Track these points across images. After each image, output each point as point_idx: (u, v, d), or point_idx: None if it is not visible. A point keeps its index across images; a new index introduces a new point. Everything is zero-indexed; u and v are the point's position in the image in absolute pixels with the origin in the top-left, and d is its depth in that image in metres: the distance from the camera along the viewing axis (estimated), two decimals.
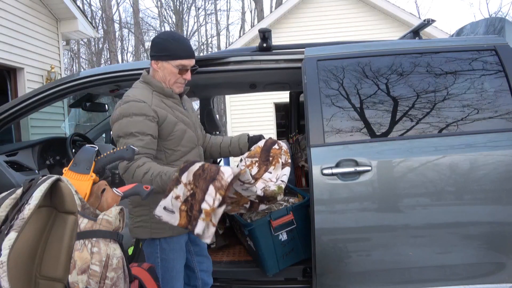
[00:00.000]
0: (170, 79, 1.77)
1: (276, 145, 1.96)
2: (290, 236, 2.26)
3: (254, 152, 1.96)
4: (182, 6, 22.49)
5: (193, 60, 1.80)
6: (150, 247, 1.80)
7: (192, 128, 1.84)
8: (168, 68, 1.76)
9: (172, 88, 1.79)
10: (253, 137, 2.05)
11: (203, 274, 2.01)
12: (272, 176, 1.81)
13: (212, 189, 1.40)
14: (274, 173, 1.83)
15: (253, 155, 1.94)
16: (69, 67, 20.93)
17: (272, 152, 1.92)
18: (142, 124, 1.65)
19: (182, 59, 1.75)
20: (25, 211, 1.02)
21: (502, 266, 2.04)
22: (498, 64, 2.14)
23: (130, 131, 1.65)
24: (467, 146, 2.04)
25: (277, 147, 1.95)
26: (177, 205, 1.44)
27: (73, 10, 6.90)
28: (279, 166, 1.84)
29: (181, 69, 1.76)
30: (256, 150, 1.96)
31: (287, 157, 1.92)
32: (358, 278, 2.10)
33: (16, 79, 6.16)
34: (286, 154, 1.93)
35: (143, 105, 1.68)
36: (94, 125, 4.14)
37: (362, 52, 2.25)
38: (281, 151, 1.93)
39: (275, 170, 1.83)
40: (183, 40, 1.80)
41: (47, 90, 2.43)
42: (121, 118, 1.68)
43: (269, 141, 1.98)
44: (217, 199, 1.39)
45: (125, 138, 1.66)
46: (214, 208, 1.39)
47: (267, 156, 1.90)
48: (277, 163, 1.85)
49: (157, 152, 1.74)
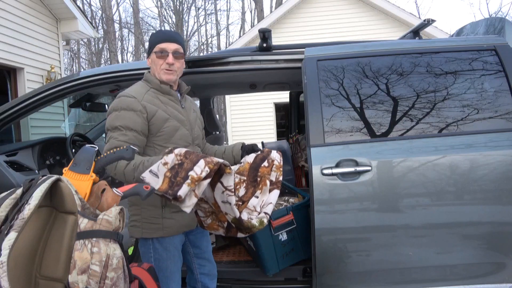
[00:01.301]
0: (156, 67, 1.81)
1: (266, 162, 1.84)
2: (290, 236, 2.26)
3: (243, 168, 1.87)
4: (182, 6, 22.50)
5: (172, 43, 1.81)
6: (143, 246, 1.81)
7: (187, 127, 1.84)
8: (153, 57, 1.82)
9: (160, 76, 1.81)
10: (246, 146, 2.01)
11: (204, 277, 1.99)
12: (258, 203, 1.76)
13: (202, 162, 1.46)
14: (261, 198, 1.77)
15: (242, 172, 1.86)
16: (69, 67, 20.94)
17: (260, 171, 1.82)
18: (128, 119, 1.69)
19: (159, 43, 1.80)
20: (25, 211, 1.02)
21: (502, 266, 2.04)
22: (498, 64, 2.14)
23: (115, 125, 1.69)
24: (467, 146, 2.04)
25: (266, 164, 1.84)
26: (163, 170, 1.47)
27: (73, 10, 6.91)
28: (266, 190, 1.78)
29: (159, 54, 1.79)
30: (245, 166, 1.87)
31: (279, 173, 1.83)
32: (358, 278, 2.10)
33: (16, 79, 6.16)
34: (277, 170, 1.84)
35: (131, 100, 1.71)
36: (94, 125, 4.14)
37: (362, 52, 2.25)
38: (271, 168, 1.84)
39: (262, 195, 1.78)
40: (162, 30, 1.88)
41: (47, 90, 2.43)
42: (111, 112, 1.73)
43: (258, 157, 1.87)
44: (205, 171, 1.44)
45: (111, 132, 1.70)
46: (200, 177, 1.43)
47: (255, 176, 1.82)
48: (264, 186, 1.79)
49: (147, 148, 1.76)
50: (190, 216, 1.83)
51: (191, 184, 1.42)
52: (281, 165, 1.88)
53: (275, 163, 1.86)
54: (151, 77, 1.83)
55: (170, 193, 1.43)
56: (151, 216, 1.75)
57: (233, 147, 2.04)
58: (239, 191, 1.82)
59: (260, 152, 1.91)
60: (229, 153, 2.03)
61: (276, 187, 1.81)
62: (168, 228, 1.76)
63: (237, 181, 1.84)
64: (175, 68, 1.81)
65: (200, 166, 1.45)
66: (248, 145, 2.03)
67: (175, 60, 1.80)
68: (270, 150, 1.92)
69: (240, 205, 1.76)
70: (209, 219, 1.74)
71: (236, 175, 1.87)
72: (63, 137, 3.48)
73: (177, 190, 1.42)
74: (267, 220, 1.71)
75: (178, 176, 1.45)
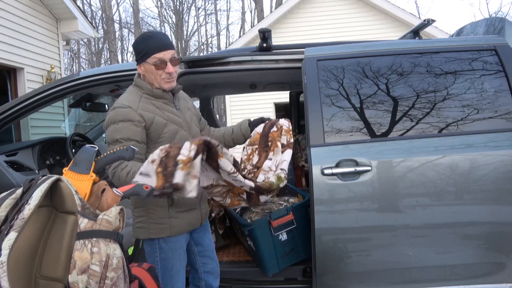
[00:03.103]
0: (155, 78, 1.76)
1: (274, 127, 1.90)
2: (290, 236, 2.26)
3: (254, 139, 1.93)
4: (182, 6, 22.51)
5: (169, 51, 1.76)
6: (149, 246, 1.82)
7: (185, 128, 1.84)
8: (148, 67, 1.75)
9: (161, 85, 1.78)
10: (254, 121, 2.05)
11: (207, 275, 1.99)
12: (272, 163, 1.78)
13: (187, 143, 1.44)
14: (274, 159, 1.79)
15: (253, 143, 1.92)
16: (69, 67, 20.95)
17: (270, 136, 1.87)
18: (127, 130, 1.68)
19: (155, 53, 1.73)
20: (25, 211, 1.02)
21: (502, 266, 2.04)
22: (498, 64, 2.14)
23: (115, 138, 1.68)
24: (467, 146, 2.04)
25: (275, 129, 1.89)
26: (152, 168, 1.45)
27: (73, 10, 6.90)
28: (278, 151, 1.80)
29: (158, 64, 1.74)
30: (255, 137, 1.93)
31: (289, 136, 1.86)
32: (358, 278, 2.10)
33: (16, 79, 6.16)
34: (287, 134, 1.86)
35: (128, 111, 1.69)
36: (94, 125, 4.14)
37: (362, 52, 2.25)
38: (281, 132, 1.88)
39: (274, 156, 1.80)
40: (154, 35, 1.78)
41: (47, 90, 2.43)
42: (109, 125, 1.72)
43: (267, 125, 1.94)
44: (192, 149, 1.42)
45: (112, 145, 1.69)
46: (190, 158, 1.41)
47: (266, 142, 1.86)
48: (275, 147, 1.81)
49: (148, 155, 1.75)
50: (195, 214, 1.83)
51: (184, 167, 1.39)
52: (290, 129, 1.91)
53: (284, 127, 1.90)
54: (142, 82, 1.79)
55: (167, 185, 1.40)
56: (158, 216, 1.76)
57: (240, 125, 2.06)
58: (253, 159, 1.86)
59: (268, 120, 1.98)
60: (237, 132, 2.05)
61: (289, 148, 1.83)
62: (175, 227, 1.77)
63: (249, 152, 1.89)
64: (174, 75, 1.79)
65: (186, 148, 1.43)
66: (255, 119, 2.06)
67: (174, 67, 1.77)
68: (277, 119, 1.98)
69: (256, 171, 1.78)
70: (228, 198, 1.72)
71: (248, 147, 1.93)
72: (63, 137, 3.49)
73: (172, 179, 1.39)
74: (285, 174, 1.72)
75: (168, 166, 1.42)
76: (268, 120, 2.00)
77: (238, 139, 2.06)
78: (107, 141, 1.73)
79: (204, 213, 1.93)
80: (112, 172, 1.65)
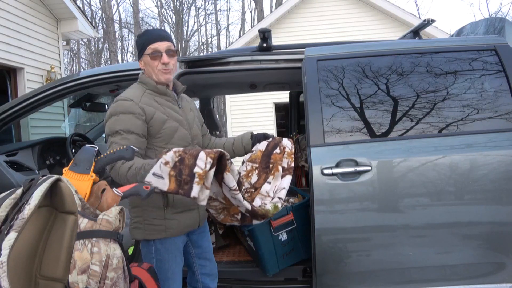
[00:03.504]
0: (152, 69, 1.79)
1: (277, 148, 1.89)
2: (290, 236, 2.26)
3: (255, 156, 1.92)
4: (182, 6, 22.50)
5: (165, 42, 1.78)
6: (145, 247, 1.81)
7: (186, 127, 1.84)
8: (146, 60, 1.79)
9: (159, 77, 1.79)
10: (257, 135, 2.04)
11: (205, 277, 1.98)
12: (271, 188, 1.78)
13: (202, 154, 1.45)
14: (273, 183, 1.79)
15: (254, 160, 1.90)
16: (69, 67, 20.94)
17: (273, 158, 1.86)
18: (128, 123, 1.68)
19: (150, 43, 1.77)
20: (25, 211, 1.02)
21: (502, 266, 2.04)
22: (498, 64, 2.14)
23: (116, 129, 1.68)
24: (467, 146, 2.04)
25: (278, 151, 1.88)
26: (166, 170, 1.46)
27: (73, 10, 6.90)
28: (278, 176, 1.80)
29: (154, 54, 1.76)
30: (257, 154, 1.92)
31: (291, 160, 1.86)
32: (358, 278, 2.10)
33: (16, 79, 6.16)
34: (289, 157, 1.87)
35: (129, 103, 1.70)
36: (94, 125, 4.14)
37: (362, 52, 2.25)
38: (283, 155, 1.87)
39: (274, 180, 1.80)
40: (152, 29, 1.85)
41: (47, 90, 2.43)
42: (110, 117, 1.71)
43: (271, 144, 1.92)
44: (208, 162, 1.43)
45: (112, 137, 1.69)
46: (206, 171, 1.42)
47: (267, 163, 1.85)
48: (276, 171, 1.81)
49: (147, 150, 1.75)
50: (192, 216, 1.83)
51: (200, 181, 1.42)
52: (293, 152, 1.91)
53: (287, 150, 1.89)
54: (146, 78, 1.81)
55: (182, 192, 1.42)
56: (154, 217, 1.75)
57: (242, 138, 2.05)
58: (252, 178, 1.85)
59: (272, 139, 1.95)
60: (238, 144, 2.04)
61: (289, 173, 1.82)
62: (170, 229, 1.76)
63: (249, 168, 1.88)
64: (170, 66, 1.79)
65: (202, 159, 1.44)
66: (259, 133, 2.05)
67: (170, 58, 1.78)
68: (281, 138, 1.97)
69: (253, 192, 1.78)
70: (222, 214, 1.73)
71: (248, 163, 1.92)
72: (63, 137, 3.49)
73: (188, 190, 1.41)
74: (281, 204, 1.72)
75: (183, 174, 1.43)
76: (272, 138, 1.98)
77: (238, 151, 2.04)
78: (106, 134, 1.72)
79: (202, 215, 1.91)
80: (111, 165, 1.64)
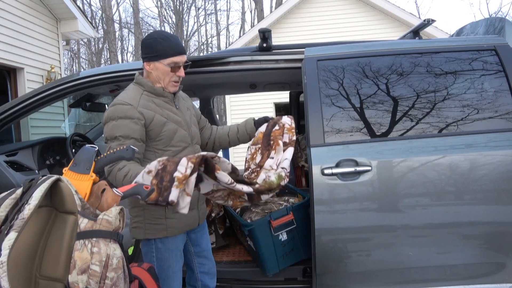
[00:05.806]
0: (165, 79, 1.78)
1: (276, 125, 1.92)
2: (290, 236, 2.26)
3: (257, 138, 1.95)
4: (182, 6, 22.51)
5: (184, 56, 1.80)
6: (145, 246, 1.81)
7: (185, 127, 1.84)
8: (161, 67, 1.77)
9: (167, 88, 1.79)
10: (258, 120, 2.06)
11: (204, 276, 1.99)
12: (273, 162, 1.78)
13: (184, 159, 1.46)
14: (276, 157, 1.80)
15: (256, 142, 1.94)
16: (69, 67, 20.94)
17: (272, 135, 1.89)
18: (127, 128, 1.67)
19: (172, 56, 1.76)
20: (25, 211, 1.02)
21: (502, 266, 2.04)
22: (498, 64, 2.14)
23: (114, 135, 1.68)
24: (467, 146, 2.04)
25: (277, 127, 1.91)
26: (148, 179, 1.47)
27: (73, 10, 6.90)
28: (280, 149, 1.81)
29: (173, 67, 1.77)
30: (259, 136, 1.96)
31: (291, 134, 1.88)
32: (358, 278, 2.10)
33: (16, 79, 6.16)
34: (289, 132, 1.88)
35: (128, 108, 1.69)
36: (94, 125, 4.14)
37: (362, 52, 2.25)
38: (283, 130, 1.89)
39: (276, 154, 1.81)
40: (172, 37, 1.81)
41: (47, 90, 2.43)
42: (108, 122, 1.71)
43: (270, 124, 1.96)
44: (189, 167, 1.44)
45: (111, 142, 1.69)
46: (186, 175, 1.43)
47: (268, 141, 1.88)
48: (277, 146, 1.82)
49: (147, 153, 1.76)
50: (192, 215, 1.83)
51: (179, 185, 1.42)
52: (293, 127, 1.92)
53: (286, 126, 1.92)
54: (143, 80, 1.80)
55: (161, 199, 1.43)
56: (154, 217, 1.75)
57: (245, 124, 2.07)
58: (256, 159, 1.87)
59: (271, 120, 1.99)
60: (243, 130, 2.06)
61: (291, 146, 1.84)
62: (171, 228, 1.77)
63: (253, 151, 1.91)
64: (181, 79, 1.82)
65: (183, 165, 1.44)
66: (259, 118, 2.07)
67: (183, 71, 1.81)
68: (281, 116, 1.99)
69: (259, 170, 1.79)
70: (230, 200, 1.74)
71: (252, 147, 1.96)
72: (63, 137, 3.49)
73: (167, 195, 1.41)
74: (286, 173, 1.73)
75: (164, 180, 1.44)
76: (272, 119, 2.02)
77: (243, 138, 2.07)
78: (105, 138, 1.73)
79: (202, 213, 1.92)
80: (108, 170, 1.65)
